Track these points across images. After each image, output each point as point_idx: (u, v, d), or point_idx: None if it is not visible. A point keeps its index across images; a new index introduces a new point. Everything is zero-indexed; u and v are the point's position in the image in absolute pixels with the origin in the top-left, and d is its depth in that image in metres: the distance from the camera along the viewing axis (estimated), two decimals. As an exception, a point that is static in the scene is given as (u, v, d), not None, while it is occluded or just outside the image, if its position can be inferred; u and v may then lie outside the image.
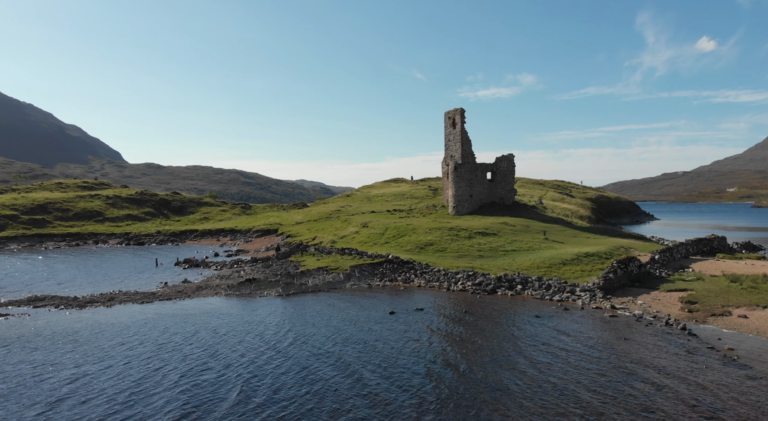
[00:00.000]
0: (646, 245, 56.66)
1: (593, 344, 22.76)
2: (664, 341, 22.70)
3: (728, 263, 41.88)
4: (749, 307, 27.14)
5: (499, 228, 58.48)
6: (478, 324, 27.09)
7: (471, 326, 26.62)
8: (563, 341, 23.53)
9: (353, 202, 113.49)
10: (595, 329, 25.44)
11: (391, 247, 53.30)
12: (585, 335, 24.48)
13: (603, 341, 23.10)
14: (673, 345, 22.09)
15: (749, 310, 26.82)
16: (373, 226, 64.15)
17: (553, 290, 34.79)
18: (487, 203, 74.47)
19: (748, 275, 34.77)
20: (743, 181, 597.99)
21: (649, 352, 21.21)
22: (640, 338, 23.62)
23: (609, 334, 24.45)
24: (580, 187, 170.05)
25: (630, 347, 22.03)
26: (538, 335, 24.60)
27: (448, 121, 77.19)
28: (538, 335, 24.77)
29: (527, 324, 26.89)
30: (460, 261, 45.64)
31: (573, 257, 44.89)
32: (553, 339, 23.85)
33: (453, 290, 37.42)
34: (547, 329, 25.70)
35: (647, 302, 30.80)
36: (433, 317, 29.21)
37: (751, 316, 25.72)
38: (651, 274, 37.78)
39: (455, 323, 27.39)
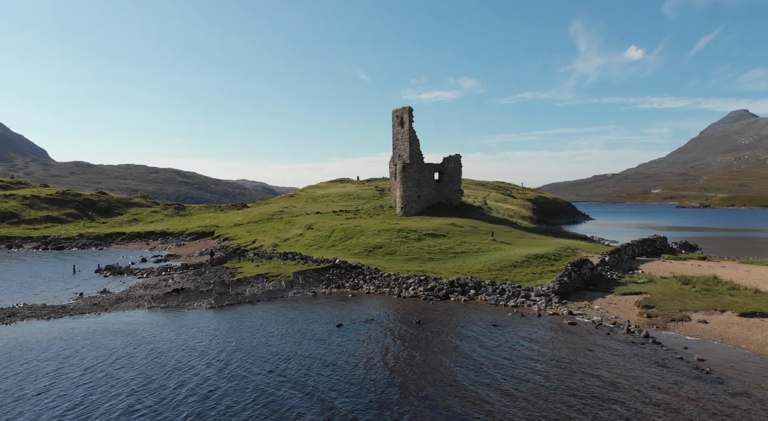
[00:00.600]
0: (591, 246, 57.01)
1: (559, 359, 21.02)
2: (630, 352, 21.33)
3: (674, 263, 42.20)
4: (707, 311, 26.56)
5: (448, 229, 56.96)
6: (434, 338, 24.79)
7: (426, 341, 24.28)
8: (526, 356, 21.67)
9: (297, 203, 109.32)
10: (557, 340, 23.82)
11: (338, 250, 50.38)
12: (548, 348, 22.77)
13: (568, 355, 21.41)
14: (641, 357, 20.73)
15: (707, 314, 26.21)
16: (318, 228, 60.93)
17: (508, 294, 33.23)
18: (434, 204, 73.08)
19: (698, 276, 34.74)
20: (666, 183, 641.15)
21: (619, 367, 19.66)
22: (604, 349, 22.17)
23: (572, 346, 22.86)
24: (519, 188, 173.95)
25: (597, 362, 20.44)
26: (499, 350, 22.63)
27: (395, 120, 75.19)
28: (498, 348, 22.80)
29: (485, 336, 24.91)
30: (410, 264, 43.46)
31: (523, 259, 43.91)
32: (515, 355, 21.93)
33: (404, 296, 35.09)
34: (507, 341, 23.83)
35: (604, 307, 29.78)
36: (384, 329, 26.64)
37: (711, 321, 25.04)
38: (603, 276, 37.15)
39: (409, 337, 24.95)
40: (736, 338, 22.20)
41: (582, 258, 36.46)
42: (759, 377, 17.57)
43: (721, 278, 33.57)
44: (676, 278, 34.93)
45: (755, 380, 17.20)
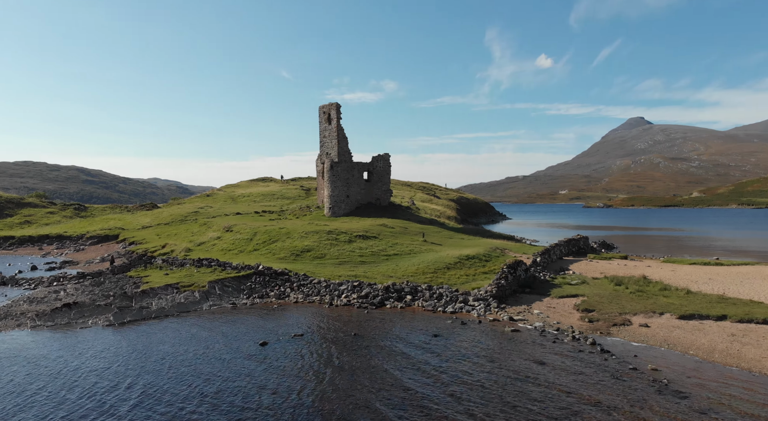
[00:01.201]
0: (517, 246, 57.40)
1: (511, 376, 19.26)
2: (582, 364, 20.07)
3: (601, 263, 42.88)
4: (646, 314, 26.28)
5: (379, 230, 54.77)
6: (372, 355, 22.21)
7: (365, 358, 21.63)
8: (475, 373, 19.75)
9: (215, 203, 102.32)
10: (504, 351, 22.16)
11: (262, 255, 46.37)
12: (497, 362, 21.02)
13: (520, 370, 19.72)
14: (594, 368, 19.51)
15: (647, 317, 25.90)
16: (238, 230, 56.26)
17: (446, 300, 31.48)
18: (363, 204, 70.72)
19: (628, 277, 35.09)
20: (572, 184, 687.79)
21: (576, 382, 18.21)
22: (554, 360, 20.78)
23: (521, 357, 21.27)
24: (443, 188, 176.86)
25: (552, 377, 18.90)
26: (446, 367, 20.53)
27: (322, 117, 71.91)
28: (445, 365, 20.71)
29: (429, 350, 22.74)
30: (341, 269, 40.63)
31: (455, 261, 42.72)
32: (462, 372, 19.92)
33: (336, 304, 32.21)
34: (452, 356, 21.82)
35: (543, 311, 28.83)
36: (317, 346, 23.64)
37: (652, 324, 24.66)
38: (537, 278, 36.62)
39: (345, 355, 22.16)
40: (682, 343, 21.76)
41: (516, 260, 35.64)
42: (719, 389, 16.81)
43: (650, 278, 34.11)
44: (607, 279, 35.07)
45: (717, 394, 16.37)
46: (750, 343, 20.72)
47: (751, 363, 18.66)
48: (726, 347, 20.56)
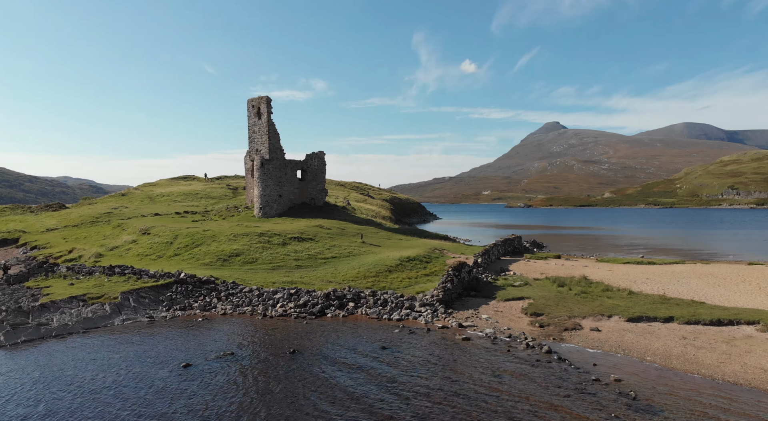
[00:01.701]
0: (455, 246, 56.89)
1: (471, 394, 17.61)
2: (541, 376, 18.82)
3: (539, 263, 42.93)
4: (594, 317, 25.82)
5: (315, 232, 51.95)
6: (315, 376, 19.71)
7: (306, 381, 19.07)
8: (431, 393, 17.94)
9: (131, 203, 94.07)
10: (458, 364, 20.52)
11: (184, 260, 42.07)
12: (451, 377, 19.32)
13: (478, 387, 18.12)
14: (556, 380, 18.30)
15: (596, 321, 25.43)
16: (157, 233, 51.16)
17: (391, 306, 29.54)
18: (297, 204, 67.42)
19: (568, 277, 35.00)
20: (494, 185, 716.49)
21: (540, 398, 16.84)
22: (513, 371, 19.43)
23: (477, 370, 19.73)
24: (376, 189, 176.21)
25: (513, 392, 17.47)
26: (399, 385, 18.53)
27: (252, 111, 67.68)
28: (397, 383, 18.69)
29: (377, 366, 20.62)
30: (275, 274, 37.53)
31: (396, 263, 41.08)
32: (416, 392, 18.04)
33: (271, 315, 29.22)
34: (404, 371, 19.86)
35: (492, 316, 27.68)
36: (249, 367, 20.71)
37: (603, 328, 24.14)
38: (480, 280, 35.69)
39: (284, 378, 19.46)
40: (637, 348, 21.23)
41: (460, 262, 34.46)
42: (691, 401, 16.06)
43: (591, 279, 34.21)
44: (549, 280, 34.80)
45: (689, 407, 15.58)
46: (703, 347, 20.54)
47: (711, 369, 18.30)
48: (681, 352, 20.23)
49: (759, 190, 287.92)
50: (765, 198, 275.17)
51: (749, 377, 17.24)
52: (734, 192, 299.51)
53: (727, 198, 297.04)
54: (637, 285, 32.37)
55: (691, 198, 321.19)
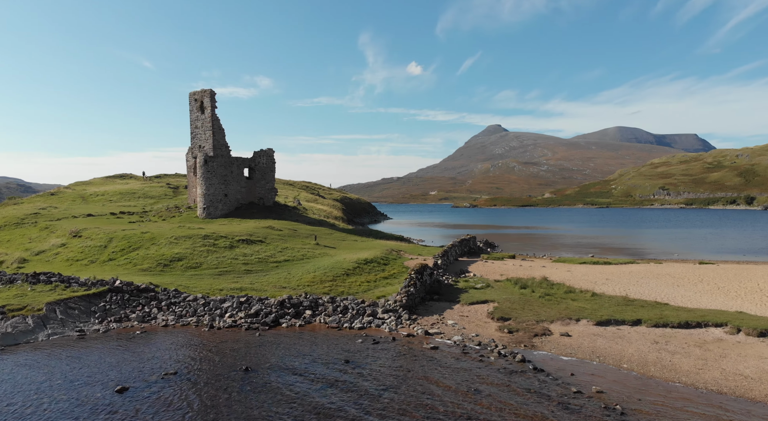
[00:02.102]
0: (411, 247, 55.79)
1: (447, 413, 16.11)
2: (519, 388, 17.65)
3: (497, 264, 42.42)
4: (563, 321, 25.15)
5: (265, 233, 49.16)
6: (272, 399, 17.59)
7: (263, 406, 16.94)
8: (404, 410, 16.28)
9: (61, 203, 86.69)
10: (429, 378, 19.02)
11: (119, 266, 38.31)
12: (425, 393, 17.76)
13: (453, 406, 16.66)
14: (536, 394, 17.16)
15: (565, 325, 24.74)
16: (90, 235, 46.68)
17: (351, 313, 27.72)
18: (245, 204, 64.07)
19: (529, 278, 34.49)
20: (441, 186, 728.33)
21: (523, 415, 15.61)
22: (489, 382, 18.17)
23: (453, 385, 18.31)
24: (326, 188, 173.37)
25: (494, 409, 16.13)
26: (365, 406, 16.78)
27: (194, 105, 63.63)
28: (363, 402, 16.94)
29: (341, 383, 18.76)
30: (223, 280, 34.70)
31: (354, 266, 39.31)
32: (385, 413, 16.36)
33: (219, 327, 26.62)
34: (369, 388, 18.14)
35: (458, 321, 26.48)
36: (197, 391, 18.23)
37: (573, 333, 23.44)
38: (441, 282, 34.56)
39: (237, 402, 17.17)
40: (611, 354, 20.57)
41: (422, 264, 33.16)
42: (681, 412, 15.29)
43: (552, 280, 33.83)
44: (510, 282, 34.17)
45: (682, 419, 14.78)
46: (677, 352, 20.15)
47: (691, 377, 17.78)
48: (657, 358, 19.71)
49: (687, 191, 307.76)
50: (693, 198, 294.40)
51: (732, 385, 16.83)
52: (665, 192, 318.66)
53: (658, 198, 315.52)
54: (598, 286, 32.27)
55: (626, 198, 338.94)
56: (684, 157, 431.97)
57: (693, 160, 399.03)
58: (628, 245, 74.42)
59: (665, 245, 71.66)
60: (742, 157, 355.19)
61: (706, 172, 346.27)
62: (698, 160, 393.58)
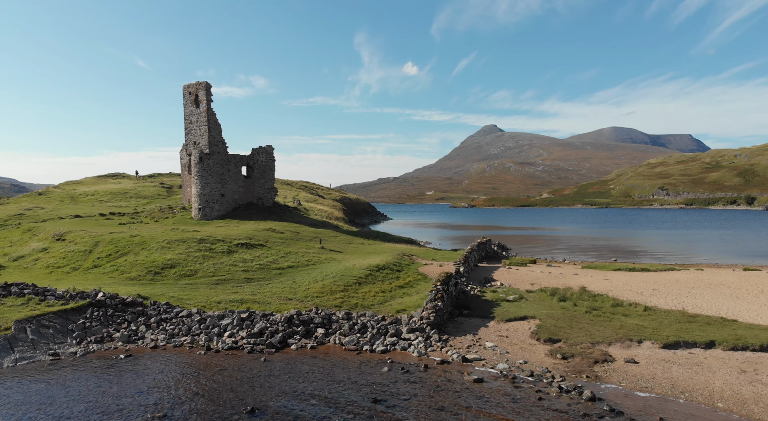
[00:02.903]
0: (423, 251, 52.09)
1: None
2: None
3: (522, 271, 38.73)
4: (622, 343, 21.45)
5: (266, 236, 45.27)
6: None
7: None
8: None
9: (48, 203, 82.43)
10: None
11: (105, 274, 34.33)
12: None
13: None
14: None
15: (625, 348, 21.06)
16: (74, 239, 42.67)
17: (371, 332, 23.92)
18: (243, 204, 60.12)
19: (564, 288, 30.83)
20: (437, 186, 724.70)
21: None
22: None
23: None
24: (324, 188, 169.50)
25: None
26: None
27: (188, 98, 59.60)
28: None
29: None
30: (221, 291, 30.77)
31: (365, 273, 35.54)
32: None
33: (218, 349, 22.76)
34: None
35: (497, 343, 22.74)
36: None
37: (639, 359, 19.75)
38: (467, 293, 30.83)
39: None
40: (697, 389, 16.90)
41: (447, 273, 29.40)
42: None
43: (592, 291, 30.16)
44: (545, 292, 30.47)
45: None
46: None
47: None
48: (754, 394, 16.09)
49: (687, 191, 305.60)
50: (693, 198, 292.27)
51: None
52: (664, 192, 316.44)
53: (657, 198, 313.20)
54: (646, 298, 28.63)
55: (624, 198, 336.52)
56: (681, 158, 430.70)
57: (691, 161, 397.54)
58: (646, 247, 70.98)
59: (686, 248, 68.26)
60: (740, 157, 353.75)
61: (705, 173, 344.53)
62: (696, 161, 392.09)
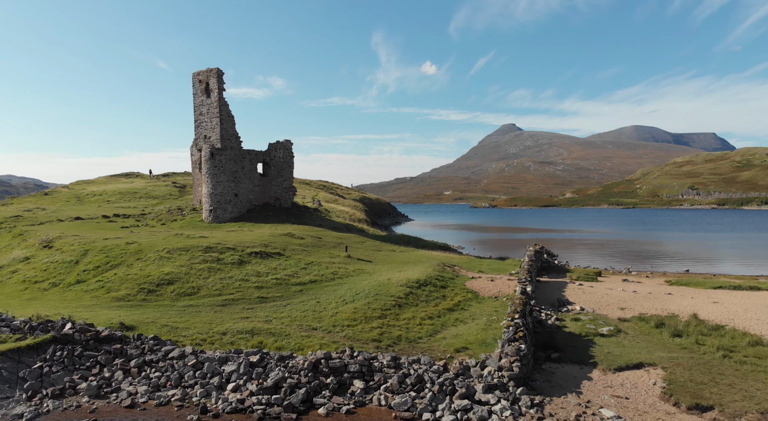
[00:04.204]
0: (464, 260, 45.07)
1: None
2: None
3: (597, 288, 31.40)
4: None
5: (284, 243, 38.74)
6: None
7: None
8: None
9: (52, 204, 77.40)
10: None
11: (87, 292, 27.99)
12: None
13: None
14: None
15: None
16: (62, 246, 36.68)
17: (431, 391, 16.95)
18: (258, 205, 53.77)
19: (669, 315, 23.50)
20: (455, 185, 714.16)
21: None
22: None
23: None
24: (344, 188, 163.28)
25: None
26: None
27: (198, 87, 53.46)
28: None
29: None
30: (227, 315, 24.14)
31: (405, 291, 28.76)
32: None
33: (217, 412, 16.09)
34: None
35: (618, 411, 15.62)
36: None
37: None
38: (543, 322, 23.74)
39: None
40: None
41: (521, 299, 22.37)
42: None
43: (708, 321, 22.79)
44: (646, 323, 23.23)
45: None
46: None
47: None
48: None
49: (718, 191, 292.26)
50: (725, 198, 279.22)
51: None
52: (694, 192, 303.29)
53: (687, 198, 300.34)
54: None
55: (652, 198, 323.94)
56: (709, 156, 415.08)
57: (719, 159, 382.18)
58: (716, 253, 62.79)
59: (761, 254, 59.89)
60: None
61: (736, 172, 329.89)
62: (725, 159, 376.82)
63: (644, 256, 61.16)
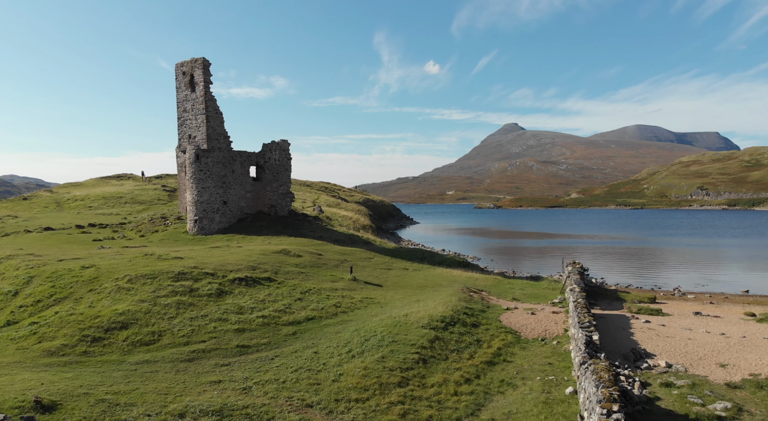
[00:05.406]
0: (491, 282, 38.46)
1: None
2: None
3: (671, 326, 24.66)
4: None
5: (276, 264, 32.11)
6: None
7: None
8: None
9: (28, 211, 70.88)
10: None
11: (13, 341, 21.27)
12: None
13: None
14: None
15: None
16: (5, 270, 30.22)
17: None
18: (251, 214, 47.17)
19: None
20: (457, 185, 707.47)
21: None
22: None
23: None
24: (346, 189, 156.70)
25: None
26: None
27: (182, 79, 46.90)
28: None
29: None
30: (191, 380, 17.41)
31: (429, 335, 22.28)
32: None
33: None
34: None
35: None
36: None
37: None
38: (630, 394, 17.07)
39: None
40: None
41: (616, 373, 15.69)
42: None
43: None
44: None
45: None
46: None
47: None
48: None
49: (728, 191, 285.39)
50: (736, 199, 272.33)
51: None
52: (704, 192, 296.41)
53: (697, 199, 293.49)
54: None
55: (660, 199, 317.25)
56: (716, 156, 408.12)
57: (727, 159, 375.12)
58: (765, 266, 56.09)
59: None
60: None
61: (746, 171, 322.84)
62: (733, 159, 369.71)
63: (684, 269, 54.51)
